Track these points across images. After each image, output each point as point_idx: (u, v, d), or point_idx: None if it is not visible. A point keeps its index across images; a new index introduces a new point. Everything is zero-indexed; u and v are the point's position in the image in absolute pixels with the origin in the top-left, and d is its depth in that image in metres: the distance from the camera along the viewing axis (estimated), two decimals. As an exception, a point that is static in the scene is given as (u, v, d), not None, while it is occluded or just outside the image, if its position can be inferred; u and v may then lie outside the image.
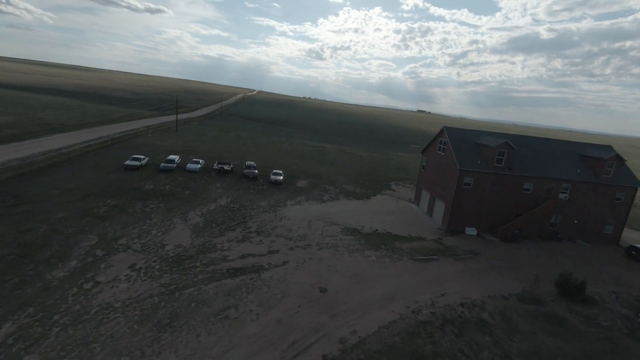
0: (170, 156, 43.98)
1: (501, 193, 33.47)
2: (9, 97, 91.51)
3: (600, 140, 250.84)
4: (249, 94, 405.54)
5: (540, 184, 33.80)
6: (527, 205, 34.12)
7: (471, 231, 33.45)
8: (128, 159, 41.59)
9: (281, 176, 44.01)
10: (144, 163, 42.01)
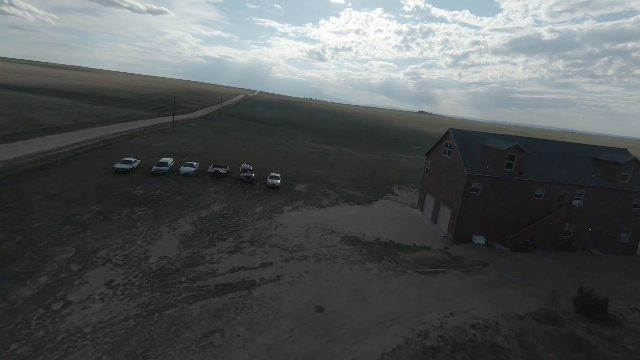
0: (164, 159, 42.20)
1: (511, 199, 31.48)
2: (5, 97, 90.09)
3: (603, 141, 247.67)
4: (250, 94, 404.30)
5: (552, 190, 31.79)
6: (538, 212, 32.11)
7: (479, 240, 31.46)
8: (118, 162, 39.82)
9: (279, 180, 42.16)
10: (135, 166, 40.23)
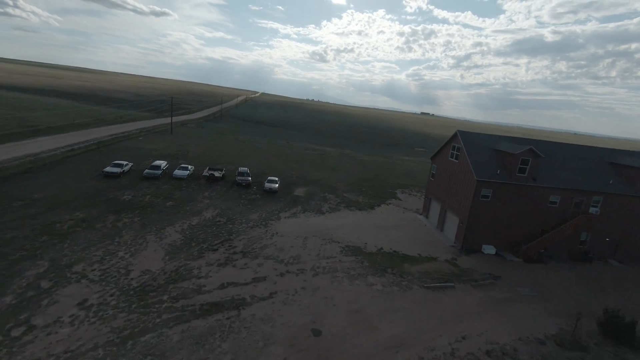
0: (157, 162, 40.41)
1: (524, 207, 29.40)
2: (3, 98, 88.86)
3: (607, 143, 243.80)
4: (252, 96, 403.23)
5: (568, 197, 29.69)
6: (553, 220, 30.01)
7: (489, 250, 29.39)
8: (108, 165, 38.06)
9: (276, 184, 40.26)
10: (126, 169, 38.45)
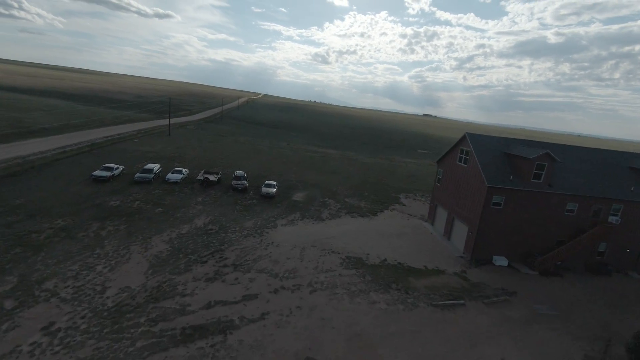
0: (149, 165, 38.61)
1: (538, 215, 27.32)
2: (2, 98, 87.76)
3: (610, 145, 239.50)
4: (254, 97, 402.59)
5: (586, 205, 27.57)
6: (569, 229, 27.90)
7: (501, 261, 27.30)
8: (98, 169, 36.33)
9: (274, 188, 38.35)
10: (117, 173, 36.68)
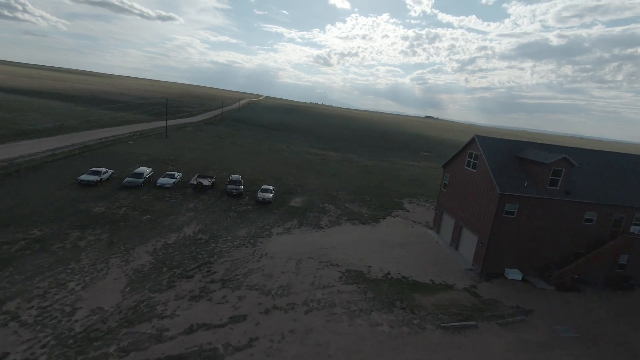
0: (140, 169, 36.77)
1: (554, 225, 25.21)
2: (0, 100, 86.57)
3: (614, 147, 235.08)
4: (256, 99, 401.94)
5: (606, 213, 25.45)
6: (588, 240, 25.78)
7: (514, 275, 25.18)
8: (85, 173, 34.54)
9: (271, 193, 36.42)
10: (105, 177, 34.87)
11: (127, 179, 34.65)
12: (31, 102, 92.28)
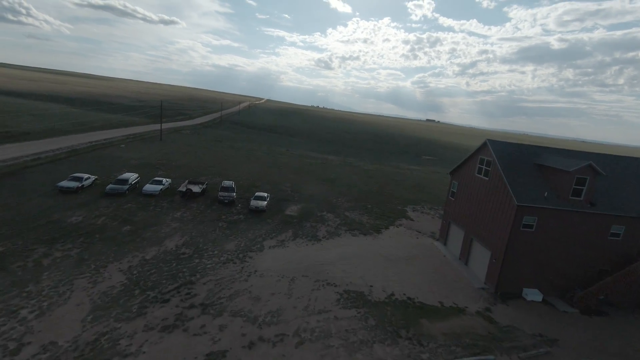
0: (125, 175, 34.37)
1: (578, 239, 22.60)
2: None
3: (616, 150, 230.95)
4: (257, 102, 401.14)
5: (635, 227, 22.82)
6: (614, 257, 23.14)
7: (534, 295, 22.53)
8: (65, 179, 32.19)
9: (265, 201, 33.94)
10: (87, 183, 32.51)
11: (110, 185, 32.26)
12: (26, 105, 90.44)
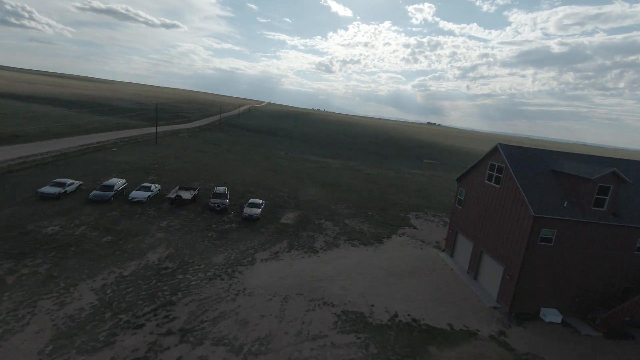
0: (111, 180, 32.39)
1: (600, 254, 20.52)
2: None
3: (618, 153, 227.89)
4: (257, 105, 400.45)
5: (663, 240, 20.74)
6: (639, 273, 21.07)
7: (553, 316, 20.39)
8: (47, 185, 30.29)
9: (259, 208, 31.94)
10: (71, 189, 30.59)
11: (94, 192, 30.31)
12: (22, 107, 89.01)
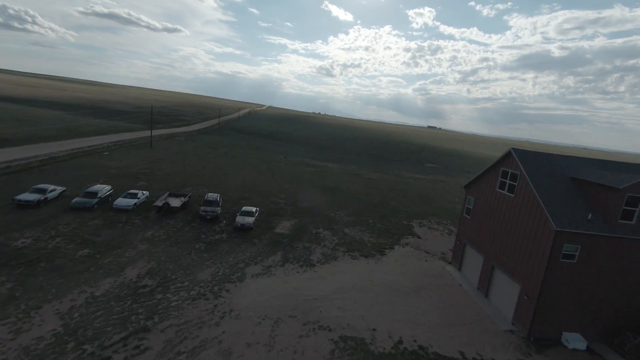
0: (95, 187, 30.44)
1: (628, 273, 18.39)
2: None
3: (619, 157, 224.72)
4: (258, 108, 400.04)
5: (699, 256, 18.59)
6: (672, 292, 18.88)
7: (576, 342, 18.20)
8: (26, 191, 28.39)
9: (252, 217, 29.91)
10: (53, 196, 28.66)
11: (76, 199, 28.37)
12: (20, 110, 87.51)
